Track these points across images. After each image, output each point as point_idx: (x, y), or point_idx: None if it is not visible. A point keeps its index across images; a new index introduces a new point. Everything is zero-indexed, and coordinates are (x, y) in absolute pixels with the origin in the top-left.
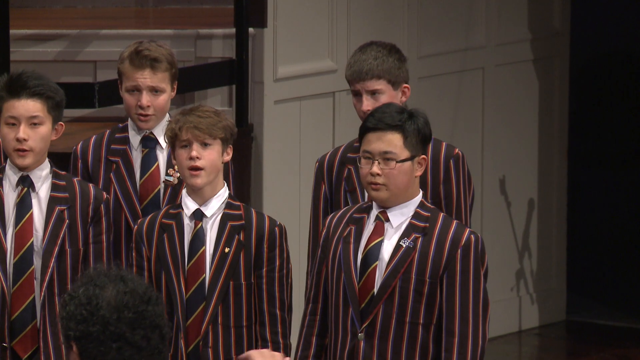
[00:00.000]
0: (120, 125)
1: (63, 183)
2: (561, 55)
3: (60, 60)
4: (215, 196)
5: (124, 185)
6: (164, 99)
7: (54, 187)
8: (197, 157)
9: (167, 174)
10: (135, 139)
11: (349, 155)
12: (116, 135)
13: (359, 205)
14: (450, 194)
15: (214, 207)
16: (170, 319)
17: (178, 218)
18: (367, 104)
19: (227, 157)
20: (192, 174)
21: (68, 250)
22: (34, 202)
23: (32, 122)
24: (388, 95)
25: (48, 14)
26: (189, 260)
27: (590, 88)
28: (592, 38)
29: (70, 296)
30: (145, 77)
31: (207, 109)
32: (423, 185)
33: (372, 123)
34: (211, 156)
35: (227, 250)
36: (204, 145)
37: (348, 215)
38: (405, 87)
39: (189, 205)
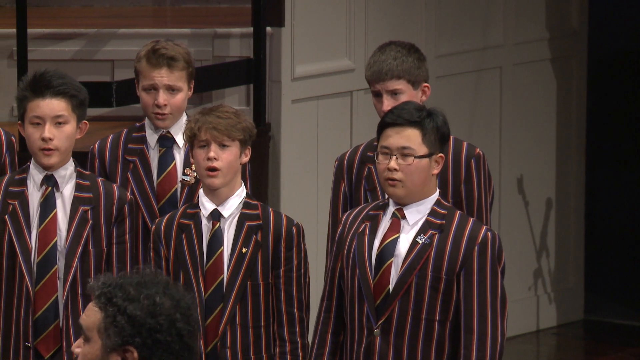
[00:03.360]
0: (137, 124)
1: (87, 183)
2: (579, 54)
3: (78, 60)
4: (233, 196)
5: (141, 184)
6: (180, 97)
7: (78, 187)
8: (215, 158)
9: (184, 174)
10: (152, 138)
11: (369, 154)
12: (133, 134)
13: (375, 202)
14: (472, 194)
15: (232, 207)
16: None
17: (196, 218)
18: (388, 104)
19: (245, 159)
20: (209, 174)
21: (91, 250)
22: (58, 202)
23: (57, 121)
24: (408, 95)
25: (66, 13)
26: (207, 261)
27: (608, 87)
28: (610, 37)
29: (126, 296)
30: (162, 76)
31: (226, 109)
32: (444, 184)
33: (391, 119)
34: (229, 157)
35: (244, 250)
36: (222, 146)
37: (364, 212)
38: (425, 86)
39: (207, 205)
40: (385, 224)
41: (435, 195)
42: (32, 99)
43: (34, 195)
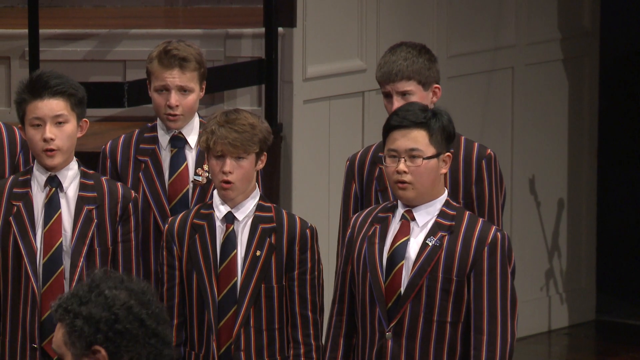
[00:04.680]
0: (149, 124)
1: (91, 182)
2: (591, 54)
3: (90, 60)
4: (247, 199)
5: (152, 185)
6: (192, 98)
7: (82, 187)
8: (230, 172)
9: (195, 174)
10: (164, 138)
11: (380, 154)
12: (145, 134)
13: (384, 204)
14: (483, 195)
15: (246, 210)
16: (201, 319)
17: (209, 219)
18: (398, 105)
19: (261, 165)
20: (224, 186)
21: (97, 249)
22: (63, 202)
23: (57, 121)
24: (419, 96)
25: (77, 14)
26: (221, 263)
27: (620, 87)
28: (622, 37)
29: (79, 301)
30: (174, 77)
31: (242, 121)
32: (455, 185)
33: (396, 121)
34: (244, 170)
35: (258, 253)
36: (238, 159)
37: (373, 214)
38: (436, 87)
39: (221, 208)
40: (394, 226)
41: (444, 196)
42: (31, 101)
43: (38, 197)
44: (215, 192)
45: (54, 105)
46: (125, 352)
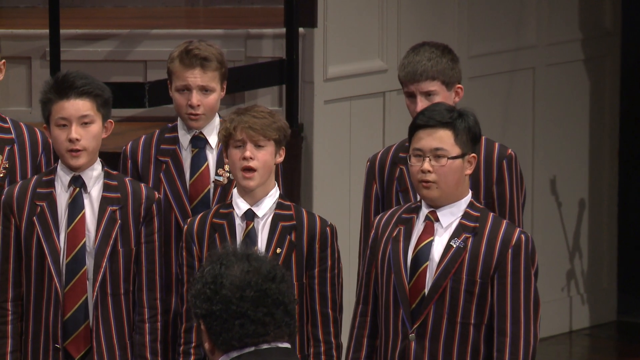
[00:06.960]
0: (170, 125)
1: (115, 183)
2: (612, 54)
3: (111, 60)
4: (267, 196)
5: (173, 185)
6: (213, 98)
7: (106, 187)
8: (251, 158)
9: (216, 174)
10: (184, 138)
11: (400, 154)
12: (166, 135)
13: (407, 205)
14: (503, 195)
15: (266, 207)
16: None
17: (229, 218)
18: (422, 105)
19: (280, 159)
20: (245, 175)
21: (120, 250)
22: (86, 202)
23: (83, 121)
24: (442, 96)
25: (98, 14)
26: None
27: None
28: None
29: (200, 274)
30: (196, 77)
31: (261, 109)
32: (476, 185)
33: (422, 120)
34: (264, 157)
35: (278, 250)
36: (258, 146)
37: (397, 215)
38: (458, 87)
39: (240, 205)
40: (419, 227)
41: (468, 197)
42: (57, 101)
43: (62, 197)
44: (234, 190)
45: (80, 106)
46: (217, 330)
